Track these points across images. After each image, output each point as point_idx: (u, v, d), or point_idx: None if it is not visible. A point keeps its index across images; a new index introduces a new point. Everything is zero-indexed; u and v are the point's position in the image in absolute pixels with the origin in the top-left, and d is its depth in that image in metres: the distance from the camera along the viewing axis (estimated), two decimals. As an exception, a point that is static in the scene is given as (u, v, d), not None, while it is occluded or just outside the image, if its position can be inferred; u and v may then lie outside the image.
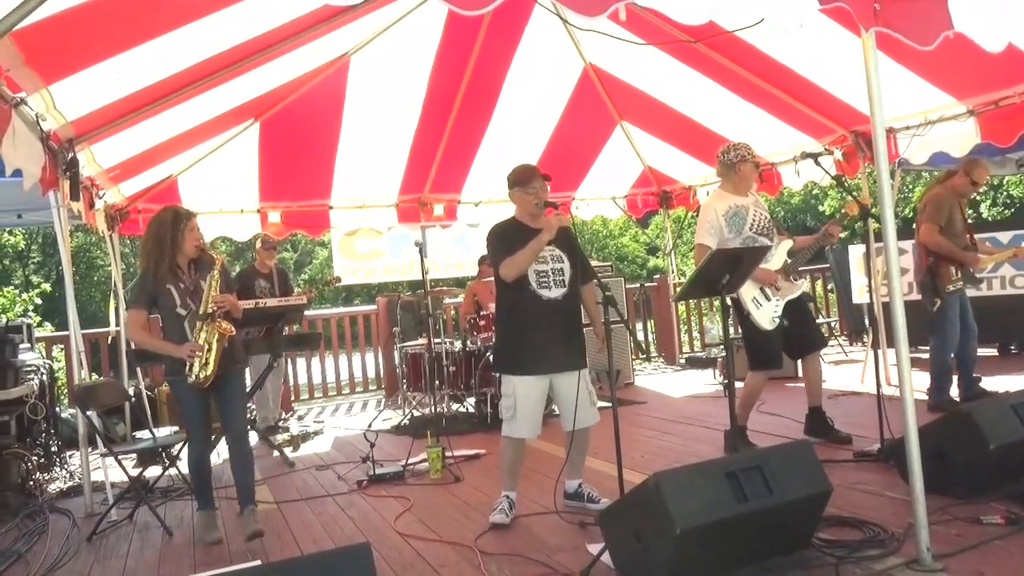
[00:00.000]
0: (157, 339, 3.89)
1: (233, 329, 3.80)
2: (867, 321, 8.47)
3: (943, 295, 5.09)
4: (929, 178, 18.05)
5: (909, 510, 3.10)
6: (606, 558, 2.95)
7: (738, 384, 4.33)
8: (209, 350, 3.69)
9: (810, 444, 3.07)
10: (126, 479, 4.44)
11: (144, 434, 5.42)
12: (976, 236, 5.37)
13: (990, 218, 18.84)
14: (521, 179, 3.69)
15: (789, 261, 4.55)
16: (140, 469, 5.10)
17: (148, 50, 3.85)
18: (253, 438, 6.50)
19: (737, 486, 2.69)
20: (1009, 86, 5.25)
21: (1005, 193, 20.23)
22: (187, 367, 3.68)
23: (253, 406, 6.59)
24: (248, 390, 6.18)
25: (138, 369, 6.66)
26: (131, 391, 6.44)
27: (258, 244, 6.93)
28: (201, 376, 3.67)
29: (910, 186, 18.63)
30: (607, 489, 3.87)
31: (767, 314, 4.47)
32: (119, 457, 4.37)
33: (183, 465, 4.71)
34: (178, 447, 4.59)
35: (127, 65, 3.92)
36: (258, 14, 4.07)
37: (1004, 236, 7.31)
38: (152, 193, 6.69)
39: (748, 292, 4.48)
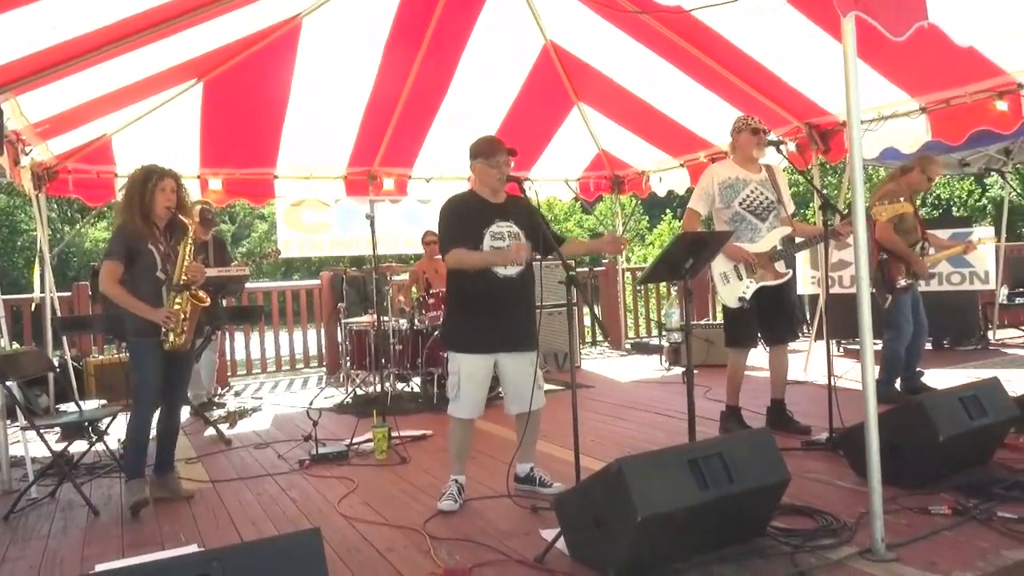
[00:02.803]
0: (133, 298, 3.71)
1: (208, 300, 3.86)
2: (808, 312, 8.65)
3: (894, 291, 5.18)
4: (871, 174, 18.61)
5: (860, 499, 3.13)
6: (561, 544, 2.87)
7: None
8: (184, 319, 3.74)
9: (769, 432, 3.05)
10: (48, 454, 4.17)
11: (70, 407, 5.11)
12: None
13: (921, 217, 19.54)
14: (485, 151, 3.54)
15: (779, 248, 4.48)
16: (64, 444, 4.83)
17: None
18: (186, 413, 6.26)
19: (698, 473, 2.64)
20: (961, 86, 5.36)
21: (934, 194, 21.02)
22: (162, 332, 3.69)
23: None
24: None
25: (64, 338, 6.29)
26: (56, 361, 6.10)
27: (195, 216, 6.59)
28: (176, 343, 3.73)
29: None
30: (558, 473, 3.80)
31: (733, 292, 4.43)
32: (41, 431, 4.09)
33: (111, 440, 4.48)
34: (106, 421, 4.33)
35: (63, 10, 3.62)
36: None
37: (942, 234, 7.50)
38: (84, 152, 6.32)
39: (718, 266, 4.44)
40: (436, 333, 6.10)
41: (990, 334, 8.39)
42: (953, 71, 5.17)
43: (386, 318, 6.52)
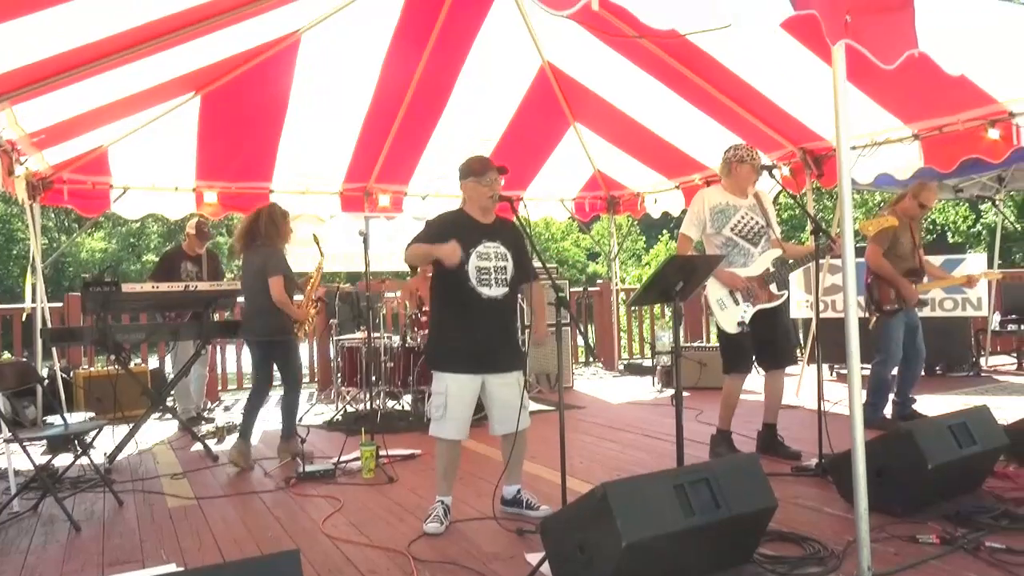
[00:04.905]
0: (292, 306, 4.99)
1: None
2: (802, 335, 8.64)
3: (882, 312, 5.18)
4: (869, 199, 18.71)
5: (847, 526, 3.11)
6: (545, 568, 2.84)
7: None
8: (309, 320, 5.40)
9: (757, 458, 3.04)
10: (32, 467, 4.12)
11: (56, 419, 5.07)
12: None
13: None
14: (476, 170, 3.55)
15: (772, 270, 4.48)
16: (49, 457, 4.78)
17: (86, 6, 3.57)
18: (174, 427, 6.22)
19: (684, 499, 2.62)
20: (953, 113, 5.40)
21: (929, 219, 21.12)
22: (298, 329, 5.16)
23: (173, 395, 6.28)
24: (172, 378, 5.91)
25: (54, 349, 6.26)
26: (44, 373, 6.06)
27: (192, 229, 6.60)
28: (301, 336, 5.37)
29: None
30: (545, 495, 3.77)
31: (731, 317, 4.43)
32: (24, 443, 4.05)
33: (96, 454, 4.45)
34: (92, 434, 4.29)
35: (62, 21, 3.63)
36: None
37: (936, 260, 7.52)
38: (79, 163, 6.32)
39: (714, 293, 4.44)
40: (424, 352, 6.07)
41: (982, 361, 8.39)
42: (945, 99, 5.21)
43: (377, 335, 6.49)
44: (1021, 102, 5.08)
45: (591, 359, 9.81)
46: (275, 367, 5.09)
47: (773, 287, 4.49)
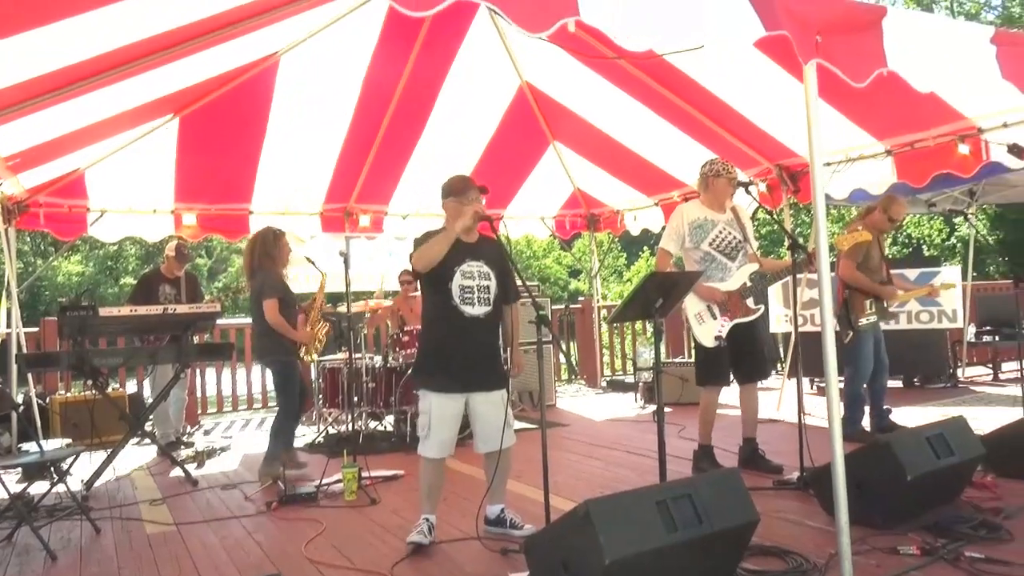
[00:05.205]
0: (288, 326, 5.11)
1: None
2: (782, 349, 8.71)
3: (856, 328, 5.25)
4: (846, 214, 18.96)
5: (829, 539, 3.12)
6: (529, 588, 2.83)
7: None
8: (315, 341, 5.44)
9: (738, 472, 3.05)
10: (6, 496, 4.05)
11: (31, 446, 4.99)
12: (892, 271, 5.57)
13: (890, 256, 19.89)
14: (457, 189, 3.58)
15: (749, 285, 4.53)
16: (24, 485, 4.70)
17: (61, 30, 3.55)
18: (153, 452, 6.13)
19: (667, 515, 2.63)
20: (924, 129, 5.51)
21: (905, 233, 21.40)
22: (301, 350, 5.24)
23: (151, 420, 6.20)
24: (151, 402, 5.83)
25: (29, 375, 6.16)
26: (19, 399, 5.96)
27: (171, 251, 6.55)
28: (310, 357, 5.39)
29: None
30: (529, 514, 3.76)
31: (709, 332, 4.48)
32: (-1, 471, 3.98)
33: (73, 481, 4.37)
34: (68, 461, 4.22)
35: (37, 44, 3.61)
36: (184, 3, 3.83)
37: (911, 273, 7.64)
38: (56, 187, 6.26)
39: (692, 307, 4.48)
40: (410, 371, 6.05)
41: (959, 372, 8.49)
42: (916, 116, 5.32)
43: (358, 355, 6.46)
44: (989, 118, 5.20)
45: (573, 376, 9.81)
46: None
47: (750, 301, 4.55)
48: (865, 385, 5.38)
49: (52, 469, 4.37)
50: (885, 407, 5.52)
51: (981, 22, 21.10)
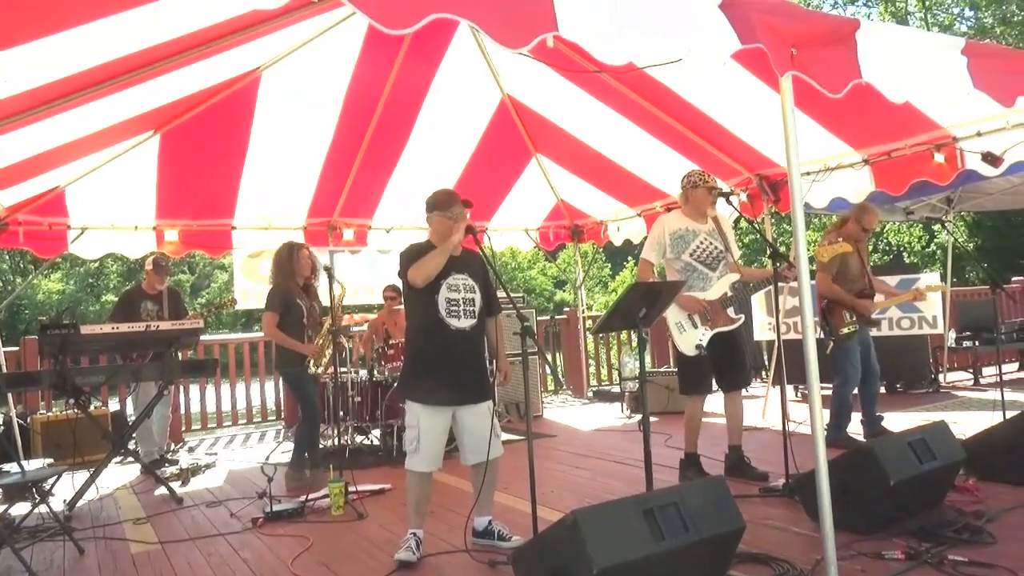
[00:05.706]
0: (288, 338, 5.16)
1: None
2: (766, 357, 8.77)
3: (836, 337, 5.30)
4: (825, 222, 19.14)
5: (815, 545, 3.14)
6: (518, 599, 2.83)
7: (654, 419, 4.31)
8: (323, 354, 5.28)
9: (724, 480, 3.07)
10: (-13, 518, 4.00)
11: (12, 467, 4.92)
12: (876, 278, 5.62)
13: (871, 263, 20.12)
14: (441, 203, 3.59)
15: (729, 294, 4.58)
16: (5, 506, 4.64)
17: (40, 48, 3.54)
18: (136, 471, 6.06)
19: (654, 523, 2.64)
20: (900, 139, 5.60)
21: (885, 240, 21.65)
22: (307, 361, 5.16)
23: (135, 438, 6.13)
24: (134, 420, 5.78)
25: (9, 395, 6.08)
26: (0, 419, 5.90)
27: (149, 265, 6.51)
28: (317, 370, 5.21)
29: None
30: (517, 525, 3.76)
31: (690, 340, 4.52)
32: (-20, 493, 3.93)
33: (55, 501, 4.32)
34: (50, 481, 4.17)
35: (15, 63, 3.60)
36: (164, 20, 3.82)
37: (891, 280, 7.72)
38: (36, 204, 6.21)
39: (673, 316, 4.52)
40: (396, 384, 6.04)
41: (941, 377, 8.58)
42: (892, 125, 5.40)
43: (344, 369, 6.44)
44: (963, 127, 5.30)
45: (560, 387, 9.82)
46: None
47: (731, 311, 4.60)
48: (856, 391, 5.42)
49: (34, 489, 4.31)
50: (878, 414, 5.54)
51: (955, 33, 21.48)
